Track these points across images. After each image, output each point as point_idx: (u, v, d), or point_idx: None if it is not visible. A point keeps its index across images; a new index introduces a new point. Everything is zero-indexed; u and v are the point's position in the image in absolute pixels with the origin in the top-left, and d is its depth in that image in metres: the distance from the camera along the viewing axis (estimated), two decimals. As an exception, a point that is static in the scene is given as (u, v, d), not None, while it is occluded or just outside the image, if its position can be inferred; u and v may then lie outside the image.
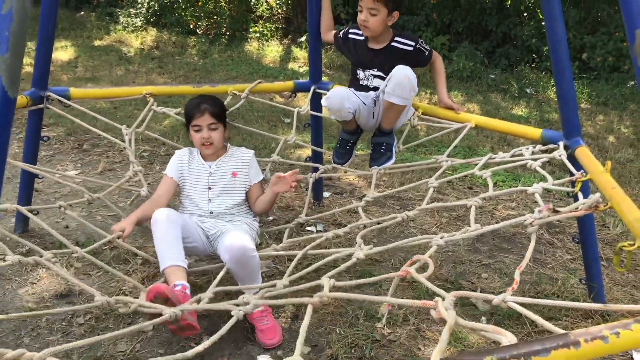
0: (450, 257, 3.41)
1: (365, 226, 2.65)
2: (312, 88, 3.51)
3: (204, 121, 2.79)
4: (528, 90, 8.18)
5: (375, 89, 3.09)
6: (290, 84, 3.53)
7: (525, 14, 9.52)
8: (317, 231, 3.62)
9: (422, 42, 3.10)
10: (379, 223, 2.69)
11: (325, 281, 1.79)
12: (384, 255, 3.35)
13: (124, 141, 3.15)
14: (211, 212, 2.81)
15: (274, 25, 10.47)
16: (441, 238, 1.98)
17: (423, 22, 9.38)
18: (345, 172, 3.31)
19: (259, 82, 3.43)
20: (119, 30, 9.88)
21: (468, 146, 5.47)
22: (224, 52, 9.19)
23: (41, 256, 2.21)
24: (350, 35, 3.21)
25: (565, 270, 3.31)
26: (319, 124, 3.66)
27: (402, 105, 2.94)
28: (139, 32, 9.81)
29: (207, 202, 2.82)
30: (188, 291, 2.37)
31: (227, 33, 10.03)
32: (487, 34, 9.56)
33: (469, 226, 2.11)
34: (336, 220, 3.77)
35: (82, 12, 10.87)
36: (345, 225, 3.68)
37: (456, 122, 2.97)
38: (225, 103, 3.30)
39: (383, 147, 3.06)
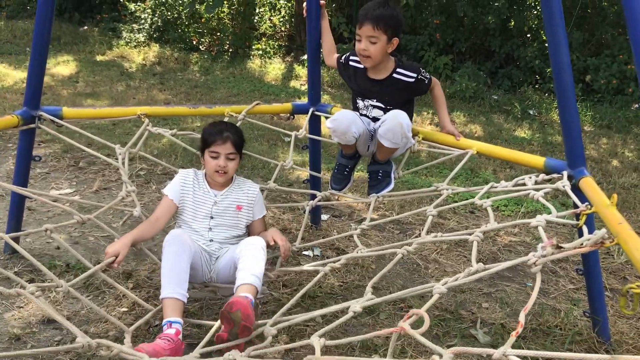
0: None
1: (363, 269, 2.55)
2: (311, 110, 3.45)
3: (225, 150, 2.73)
4: (531, 112, 8.12)
5: (375, 119, 3.03)
6: (288, 105, 3.47)
7: (528, 35, 9.51)
8: (314, 255, 3.54)
9: (423, 71, 3.01)
10: (383, 268, 2.60)
11: (316, 341, 1.72)
12: (382, 282, 3.26)
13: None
14: (211, 240, 2.76)
15: (276, 43, 10.47)
16: (443, 285, 1.90)
17: (426, 42, 9.36)
18: (343, 198, 3.24)
19: (257, 104, 3.37)
20: (122, 45, 9.88)
21: (470, 168, 5.39)
22: (226, 69, 9.17)
23: (24, 288, 2.15)
24: (350, 63, 3.13)
25: (568, 301, 3.22)
26: (317, 147, 3.58)
27: (393, 148, 2.90)
28: (142, 48, 9.80)
29: (208, 231, 2.76)
30: (180, 336, 2.30)
31: (230, 50, 10.03)
32: (490, 55, 9.54)
33: (471, 261, 2.03)
34: (334, 245, 3.69)
35: (86, 27, 10.88)
36: (343, 250, 3.64)
37: (457, 148, 2.90)
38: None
39: (380, 175, 2.99)
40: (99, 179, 4.48)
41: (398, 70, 2.98)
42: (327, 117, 3.47)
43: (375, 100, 3.03)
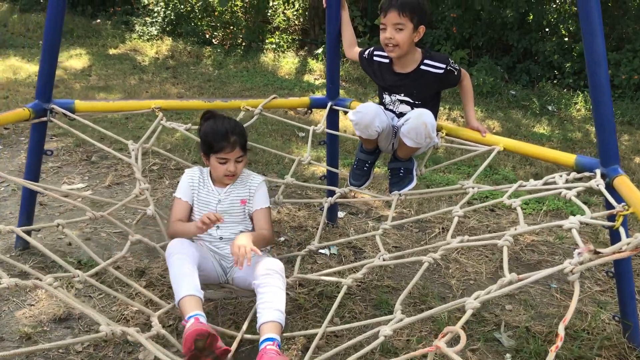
0: (471, 286, 3.21)
1: (382, 268, 2.44)
2: (329, 104, 3.34)
3: (233, 155, 2.60)
4: (550, 108, 7.97)
5: (401, 114, 2.91)
6: (305, 99, 3.37)
7: (547, 30, 9.33)
8: (331, 254, 3.45)
9: (452, 62, 2.89)
10: (402, 267, 2.50)
11: None
12: (401, 283, 3.17)
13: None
14: (221, 238, 2.66)
15: (290, 37, 10.36)
16: (475, 299, 1.79)
17: (442, 36, 9.21)
18: (363, 195, 3.12)
19: (274, 98, 3.27)
20: (135, 38, 9.82)
21: (489, 165, 5.25)
22: (240, 63, 9.09)
23: (40, 280, 2.06)
24: (375, 58, 3.01)
25: (595, 304, 3.10)
26: (334, 142, 3.48)
27: (415, 147, 2.80)
28: (155, 41, 9.74)
29: (215, 229, 2.66)
30: (203, 320, 2.19)
31: (243, 44, 9.94)
32: (507, 49, 9.37)
33: (502, 269, 1.92)
34: (350, 243, 3.59)
35: (98, 20, 10.84)
36: (361, 248, 3.54)
37: (483, 144, 2.79)
38: (238, 118, 3.15)
39: (401, 172, 2.88)
40: (112, 173, 4.42)
41: (425, 61, 2.86)
42: (345, 112, 3.37)
43: (402, 95, 2.92)
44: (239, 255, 2.32)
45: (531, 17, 9.14)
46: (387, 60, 2.94)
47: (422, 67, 2.86)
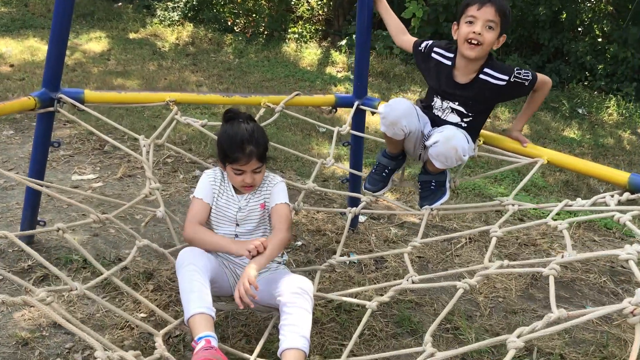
0: (500, 304, 2.99)
1: (413, 281, 2.23)
2: (356, 104, 3.11)
3: (250, 167, 2.36)
4: (580, 111, 7.66)
5: (445, 122, 2.64)
6: (331, 97, 3.14)
7: (580, 29, 8.98)
8: (350, 262, 3.25)
9: (518, 72, 2.58)
10: (426, 276, 2.28)
11: None
12: (425, 298, 2.96)
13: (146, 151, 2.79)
14: None
15: (313, 27, 10.11)
16: (518, 337, 1.58)
17: (470, 32, 8.91)
18: (386, 202, 2.90)
19: (297, 94, 3.05)
20: (155, 23, 9.64)
21: (517, 170, 5.02)
22: (261, 52, 8.87)
23: (33, 293, 1.88)
24: (433, 55, 2.70)
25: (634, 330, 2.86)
26: (359, 144, 3.25)
27: (445, 168, 2.58)
28: (176, 27, 9.55)
29: (234, 237, 2.45)
30: (214, 343, 1.99)
31: (265, 32, 9.71)
32: (537, 48, 9.04)
33: (549, 302, 1.70)
34: (371, 250, 3.39)
35: (120, 4, 10.68)
36: (382, 257, 3.34)
37: (524, 156, 2.56)
38: (258, 116, 2.94)
39: (433, 185, 2.63)
40: (124, 164, 4.24)
41: (485, 70, 2.57)
42: (373, 113, 3.15)
43: (457, 104, 2.63)
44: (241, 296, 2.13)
45: (564, 15, 8.79)
46: (448, 63, 2.64)
47: (481, 75, 2.58)
